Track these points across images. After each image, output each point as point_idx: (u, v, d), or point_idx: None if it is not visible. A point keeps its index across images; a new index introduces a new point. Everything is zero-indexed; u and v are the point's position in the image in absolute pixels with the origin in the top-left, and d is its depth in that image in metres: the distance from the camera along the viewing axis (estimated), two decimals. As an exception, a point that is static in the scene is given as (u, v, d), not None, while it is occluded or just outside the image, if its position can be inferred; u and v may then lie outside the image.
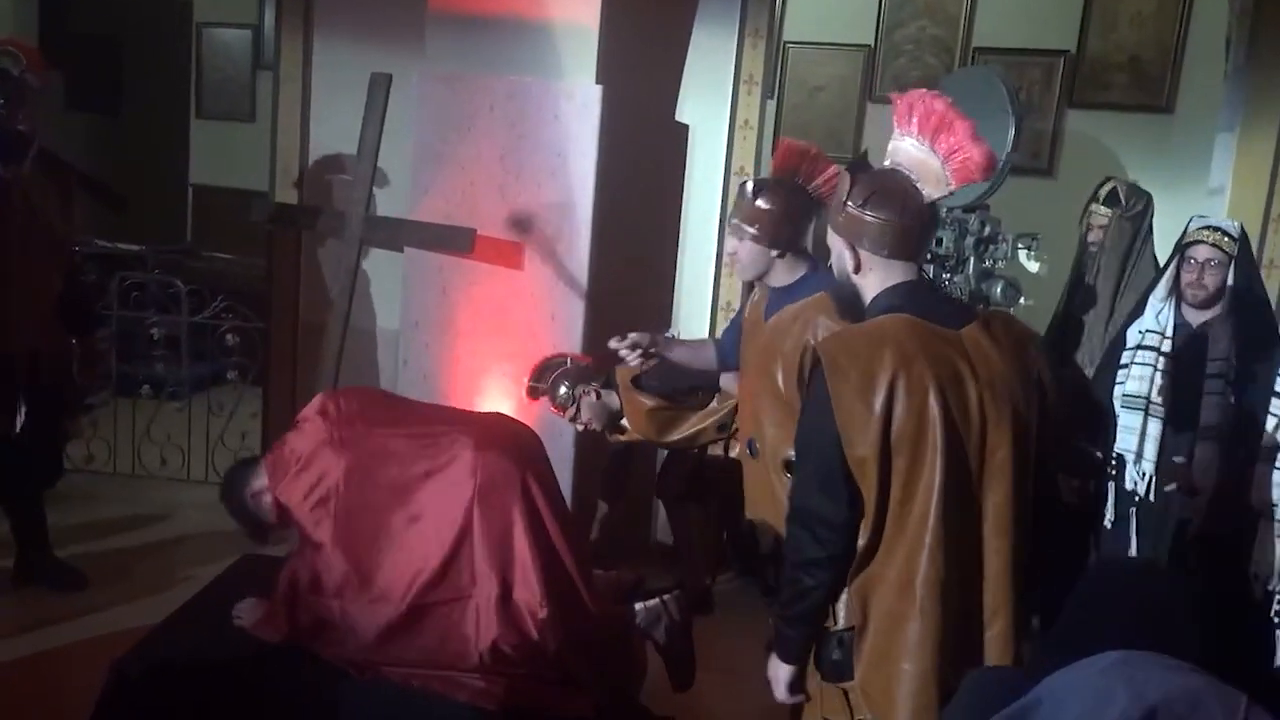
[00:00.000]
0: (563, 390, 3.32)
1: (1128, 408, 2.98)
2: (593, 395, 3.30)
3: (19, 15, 5.45)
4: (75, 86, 7.37)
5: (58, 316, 3.53)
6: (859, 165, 1.91)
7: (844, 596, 1.86)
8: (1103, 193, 3.42)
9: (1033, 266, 3.86)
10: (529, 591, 2.36)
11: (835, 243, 1.93)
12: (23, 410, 3.37)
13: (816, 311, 2.49)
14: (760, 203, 2.55)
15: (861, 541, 1.82)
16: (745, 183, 2.65)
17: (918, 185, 1.85)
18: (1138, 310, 3.11)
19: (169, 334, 4.87)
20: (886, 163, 1.91)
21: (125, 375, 5.04)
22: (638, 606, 2.68)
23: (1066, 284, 3.58)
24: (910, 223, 1.85)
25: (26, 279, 3.36)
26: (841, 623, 1.87)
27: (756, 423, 2.63)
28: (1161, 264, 3.36)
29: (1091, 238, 3.44)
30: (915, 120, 1.84)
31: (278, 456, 2.53)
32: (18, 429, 3.37)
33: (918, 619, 1.80)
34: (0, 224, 3.27)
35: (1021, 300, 3.78)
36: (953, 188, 1.83)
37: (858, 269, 1.89)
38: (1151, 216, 3.42)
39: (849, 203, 1.86)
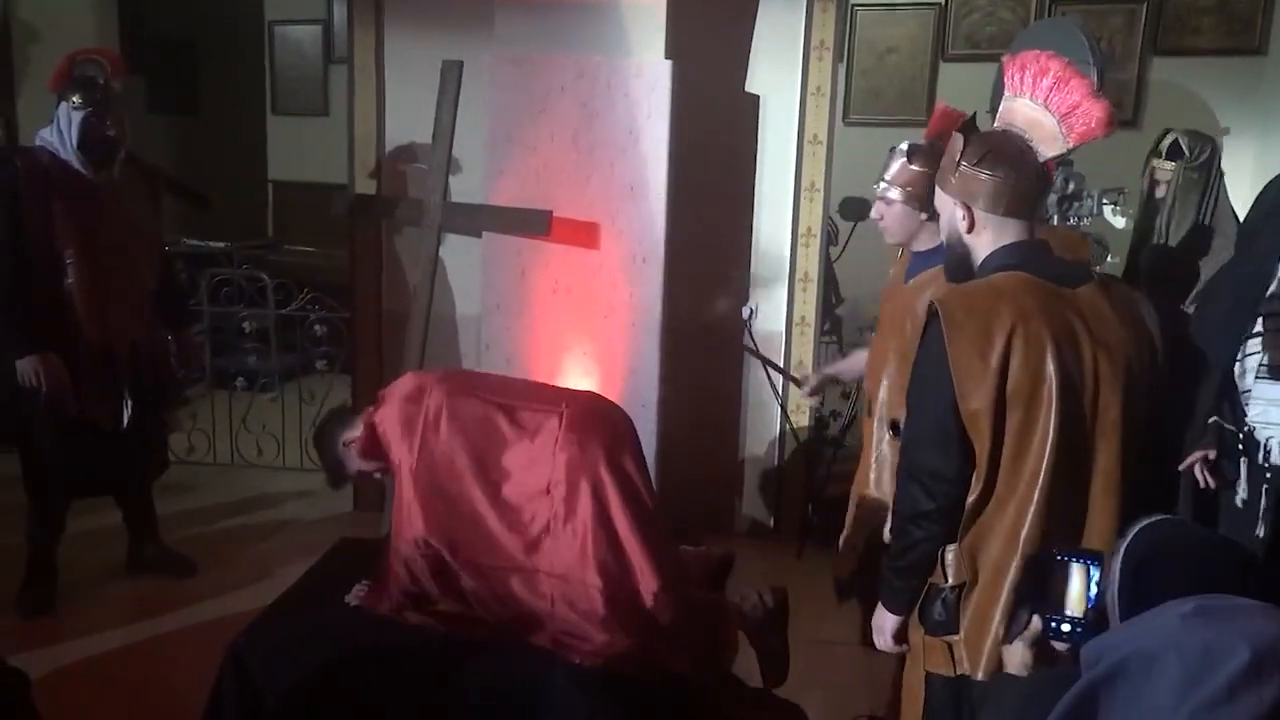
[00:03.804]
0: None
1: (1267, 378, 2.71)
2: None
3: (101, 23, 5.64)
4: (155, 89, 7.62)
5: (155, 313, 3.66)
6: (969, 126, 1.92)
7: (953, 554, 1.88)
8: (1164, 146, 3.28)
9: (1119, 222, 3.74)
10: (592, 575, 2.36)
11: (945, 203, 1.95)
12: (129, 404, 3.51)
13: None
14: (914, 166, 2.54)
15: (972, 496, 1.84)
16: (897, 146, 2.62)
17: (1031, 145, 1.86)
18: (1245, 269, 2.83)
19: (259, 327, 5.03)
20: (997, 125, 1.92)
21: (220, 368, 5.25)
22: (733, 591, 2.67)
23: (1132, 239, 3.44)
24: (1025, 181, 1.86)
25: (124, 278, 3.49)
26: (950, 579, 1.89)
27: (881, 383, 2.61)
28: (1235, 210, 3.22)
29: (1159, 193, 3.31)
30: (1029, 81, 1.84)
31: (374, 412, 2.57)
32: (125, 423, 3.50)
33: (1019, 573, 1.81)
34: (96, 226, 3.40)
35: (1109, 258, 3.68)
36: (1070, 145, 1.83)
37: (971, 228, 1.91)
38: (1219, 161, 3.27)
39: (963, 162, 1.89)
